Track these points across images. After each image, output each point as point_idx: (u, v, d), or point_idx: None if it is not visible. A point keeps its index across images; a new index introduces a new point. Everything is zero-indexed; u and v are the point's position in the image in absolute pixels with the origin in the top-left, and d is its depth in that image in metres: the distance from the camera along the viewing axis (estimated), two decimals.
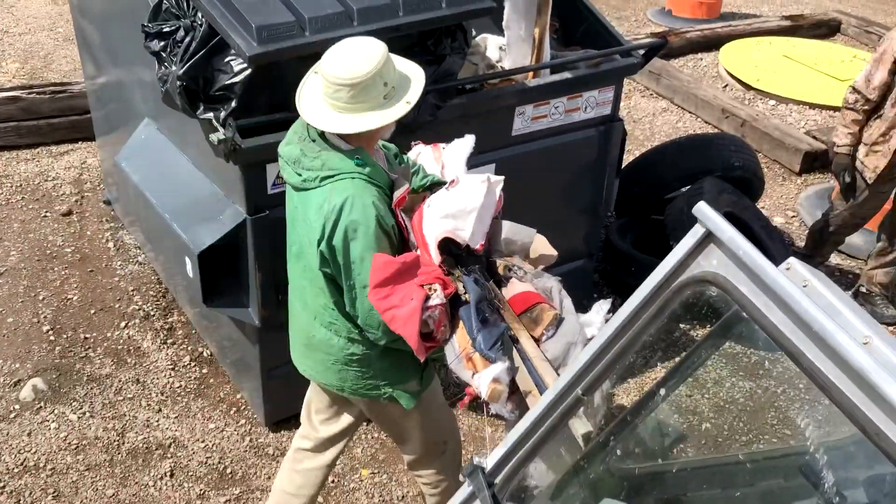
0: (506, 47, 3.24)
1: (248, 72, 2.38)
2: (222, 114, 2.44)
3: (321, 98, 1.99)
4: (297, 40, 2.32)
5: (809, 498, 1.33)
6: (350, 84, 1.92)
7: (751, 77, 6.60)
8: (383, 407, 2.31)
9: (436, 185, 2.19)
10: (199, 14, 2.42)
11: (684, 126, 5.94)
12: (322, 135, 2.03)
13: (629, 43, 3.51)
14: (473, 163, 3.11)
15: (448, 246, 2.01)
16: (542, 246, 2.33)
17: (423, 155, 2.33)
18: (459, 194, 2.02)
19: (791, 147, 5.29)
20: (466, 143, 2.30)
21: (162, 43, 2.48)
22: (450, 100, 2.86)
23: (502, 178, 2.12)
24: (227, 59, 2.43)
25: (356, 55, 1.93)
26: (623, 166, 3.90)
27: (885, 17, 8.82)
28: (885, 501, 1.20)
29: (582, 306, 2.14)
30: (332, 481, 3.05)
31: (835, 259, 4.45)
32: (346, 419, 2.48)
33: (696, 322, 1.06)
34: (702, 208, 1.09)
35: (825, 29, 8.10)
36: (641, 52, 3.47)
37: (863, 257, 4.45)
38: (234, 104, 2.44)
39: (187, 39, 2.41)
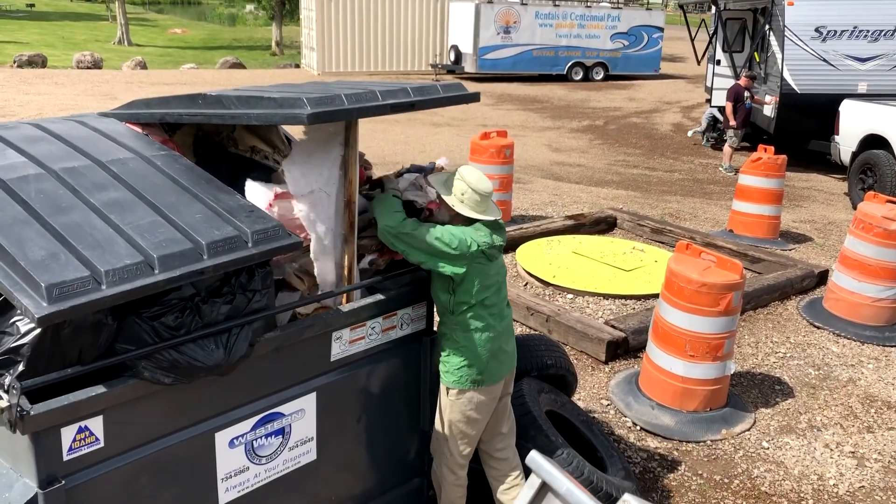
0: (317, 276, 3.25)
1: (36, 332, 2.19)
2: (7, 379, 2.19)
3: (476, 209, 3.26)
4: (93, 295, 2.17)
5: None
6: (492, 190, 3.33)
7: (547, 274, 7.09)
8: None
9: None
10: None
11: None
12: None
13: None
14: (292, 394, 3.05)
15: None
16: None
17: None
18: None
19: (594, 337, 5.62)
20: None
21: None
22: (264, 334, 2.78)
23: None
24: (12, 321, 2.23)
25: (483, 175, 3.33)
26: None
27: (650, 210, 9.97)
28: None
29: None
30: None
31: (652, 442, 4.63)
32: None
33: None
34: (535, 458, 1.07)
35: (604, 225, 8.99)
36: None
37: (675, 438, 4.66)
38: (21, 367, 2.22)
39: None
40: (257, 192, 3.05)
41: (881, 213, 6.28)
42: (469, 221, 3.31)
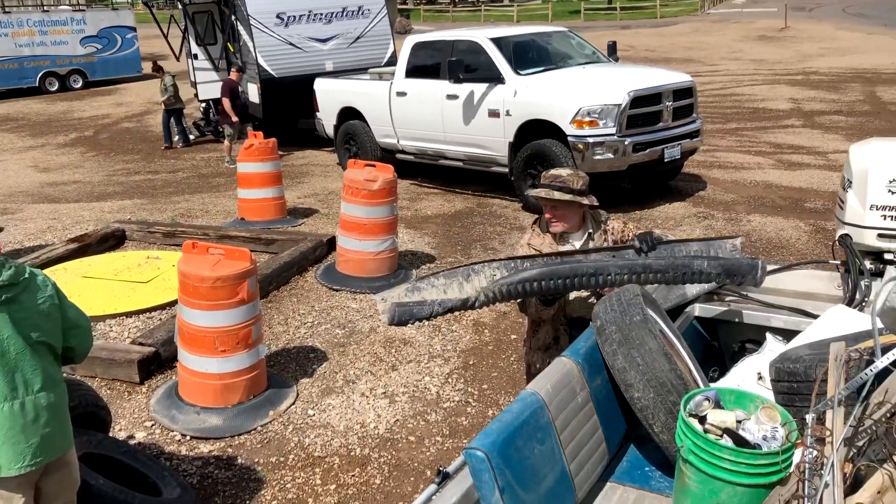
0: None
1: None
2: None
3: None
4: None
5: None
6: None
7: None
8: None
9: None
10: None
11: None
12: None
13: None
14: None
15: None
16: None
17: None
18: None
19: (123, 360, 5.28)
20: None
21: None
22: None
23: None
24: None
25: None
26: None
27: (160, 215, 9.69)
28: None
29: None
30: None
31: (205, 447, 4.55)
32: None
33: None
34: None
35: (113, 240, 8.47)
36: None
37: (227, 435, 4.64)
38: None
39: None
40: None
41: (363, 177, 7.00)
42: None
